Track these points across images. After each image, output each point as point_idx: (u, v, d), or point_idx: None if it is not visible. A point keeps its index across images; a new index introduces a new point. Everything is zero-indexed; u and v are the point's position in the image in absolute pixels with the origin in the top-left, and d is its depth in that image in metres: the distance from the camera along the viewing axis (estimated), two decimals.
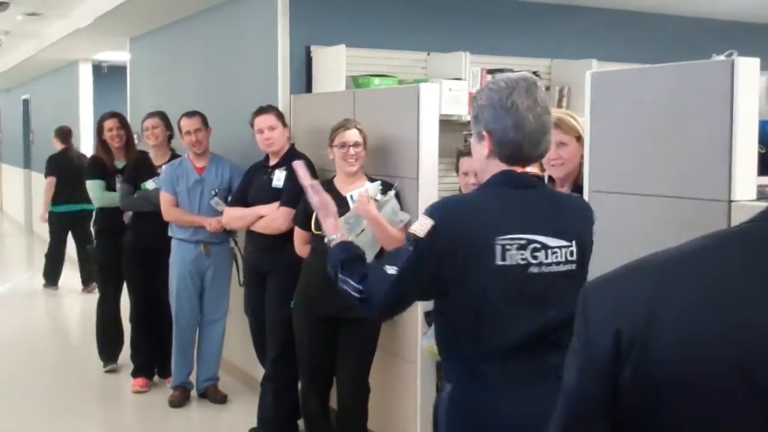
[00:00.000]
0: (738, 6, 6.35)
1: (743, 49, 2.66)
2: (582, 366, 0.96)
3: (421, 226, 2.21)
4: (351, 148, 4.07)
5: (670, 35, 6.32)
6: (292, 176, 4.50)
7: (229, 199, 5.10)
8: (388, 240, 3.95)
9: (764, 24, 6.84)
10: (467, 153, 3.84)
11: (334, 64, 5.01)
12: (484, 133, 2.23)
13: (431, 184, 4.04)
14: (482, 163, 2.30)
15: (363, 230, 3.99)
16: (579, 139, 3.28)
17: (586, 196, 3.13)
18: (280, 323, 4.51)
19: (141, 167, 5.58)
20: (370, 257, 3.97)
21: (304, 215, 4.15)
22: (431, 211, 2.24)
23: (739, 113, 2.58)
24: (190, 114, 5.27)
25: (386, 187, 4.04)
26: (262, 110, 4.71)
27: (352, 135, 4.09)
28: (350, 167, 4.09)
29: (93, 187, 5.85)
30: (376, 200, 3.96)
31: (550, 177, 3.36)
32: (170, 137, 5.62)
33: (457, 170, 3.93)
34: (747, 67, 2.58)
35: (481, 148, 2.27)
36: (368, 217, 3.92)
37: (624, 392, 0.88)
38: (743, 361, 0.80)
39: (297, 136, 4.94)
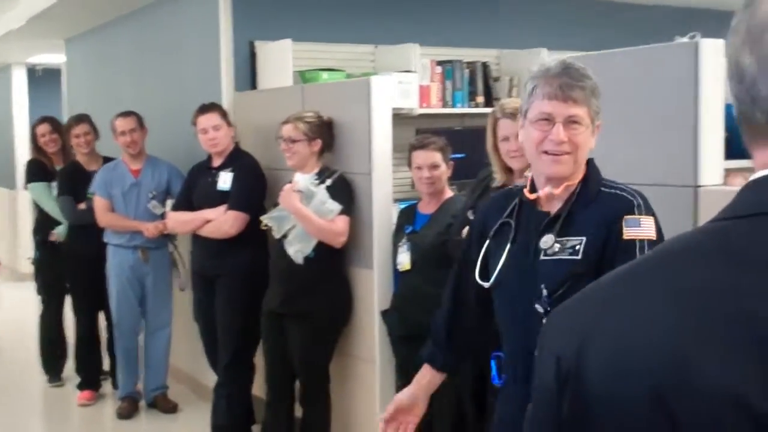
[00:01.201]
0: None
1: (682, 34, 2.60)
2: (536, 396, 0.94)
3: (645, 228, 2.00)
4: (285, 143, 4.02)
5: (619, 23, 6.30)
6: (239, 177, 4.38)
7: (169, 202, 4.95)
8: (318, 232, 3.91)
9: (698, 8, 6.87)
10: (420, 147, 3.74)
11: (279, 59, 4.87)
12: None
13: (385, 178, 3.95)
14: None
15: (294, 225, 3.91)
16: None
17: None
18: (232, 329, 4.40)
19: (75, 176, 5.35)
20: (307, 250, 3.89)
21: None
22: (646, 206, 2.03)
23: (703, 96, 2.52)
24: (125, 114, 5.12)
25: (326, 176, 3.96)
26: (205, 108, 4.55)
27: (286, 130, 4.04)
28: (289, 161, 4.06)
29: (37, 189, 5.64)
30: (301, 192, 3.91)
31: (509, 168, 3.28)
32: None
33: (409, 164, 3.82)
34: (711, 48, 2.52)
35: None
36: (292, 210, 3.90)
37: (564, 424, 0.87)
38: (658, 390, 0.77)
39: (242, 135, 4.79)
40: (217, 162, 4.55)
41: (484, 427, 3.37)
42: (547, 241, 2.03)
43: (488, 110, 3.86)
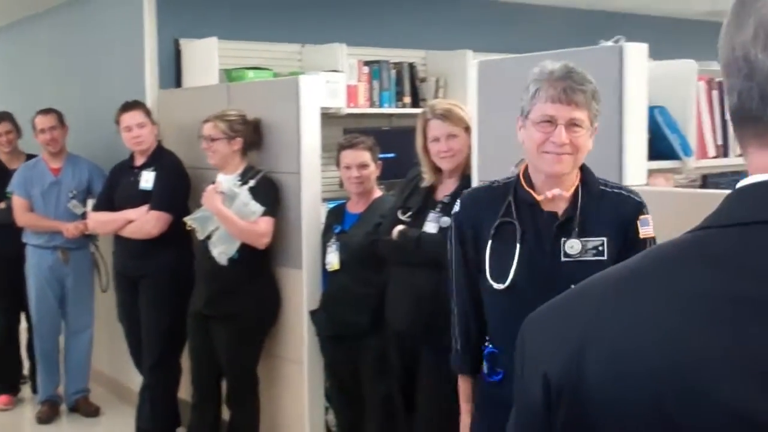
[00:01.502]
0: None
1: (607, 37, 2.67)
2: (520, 419, 0.90)
3: (651, 226, 2.15)
4: (206, 142, 4.00)
5: (544, 26, 6.40)
6: (162, 177, 4.31)
7: (90, 202, 4.85)
8: (240, 233, 3.89)
9: (623, 13, 7.04)
10: (348, 146, 3.74)
11: (205, 57, 4.82)
12: None
13: (313, 178, 3.94)
14: None
15: (218, 227, 3.88)
16: (467, 129, 3.23)
17: (474, 186, 3.08)
18: (157, 330, 4.34)
19: None
20: (231, 251, 3.86)
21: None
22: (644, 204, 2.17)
23: (627, 99, 2.58)
24: (45, 111, 5.02)
25: (249, 176, 3.92)
26: (128, 106, 4.47)
27: (206, 128, 4.01)
28: (210, 160, 4.04)
29: None
30: (224, 193, 3.88)
31: (438, 169, 3.31)
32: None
33: (337, 164, 3.81)
34: (635, 52, 2.58)
35: None
36: (214, 212, 3.87)
37: None
38: (660, 394, 0.75)
39: (166, 134, 4.71)
40: (139, 161, 4.46)
41: (413, 423, 3.40)
42: (573, 246, 2.09)
43: (415, 111, 3.90)
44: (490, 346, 2.25)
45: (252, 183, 3.93)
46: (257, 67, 4.95)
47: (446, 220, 3.25)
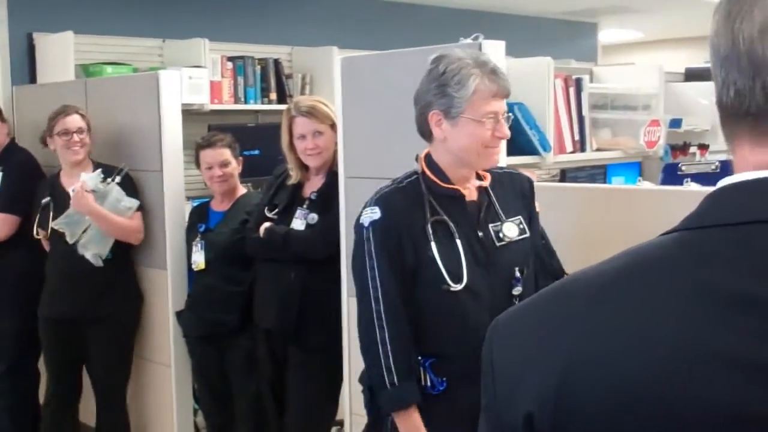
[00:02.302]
0: None
1: (467, 35, 2.73)
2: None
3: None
4: (75, 135, 3.81)
5: (408, 23, 6.47)
6: (9, 176, 4.10)
7: None
8: (118, 231, 3.78)
9: (483, 11, 7.21)
10: (207, 145, 3.66)
11: (60, 52, 4.65)
12: None
13: (176, 176, 3.86)
14: None
15: (88, 226, 3.74)
16: (333, 126, 3.23)
17: (341, 183, 3.09)
18: (9, 333, 4.13)
19: None
20: (105, 251, 3.74)
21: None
22: None
23: None
24: None
25: (108, 174, 3.80)
26: None
27: (74, 121, 3.82)
28: (75, 156, 3.83)
29: None
30: (94, 191, 3.73)
31: (305, 165, 3.29)
32: None
33: (197, 165, 3.73)
34: (493, 49, 2.64)
35: None
36: (87, 212, 3.70)
37: None
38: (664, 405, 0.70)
39: (20, 131, 4.51)
40: None
41: (284, 425, 3.38)
42: (510, 228, 2.12)
43: (281, 107, 3.86)
44: (429, 357, 2.10)
45: (118, 179, 3.80)
46: (116, 62, 4.81)
47: (313, 217, 3.25)
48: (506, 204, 2.17)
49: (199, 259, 3.67)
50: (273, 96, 5.39)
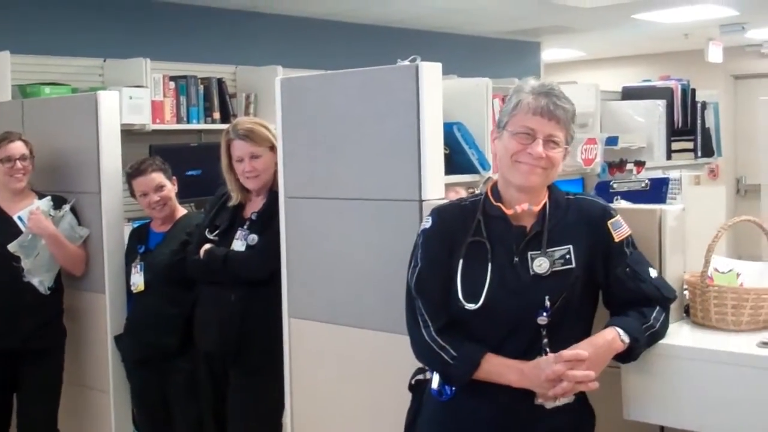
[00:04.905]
0: (417, 14, 6.68)
1: (426, 55, 2.73)
2: None
3: (624, 225, 2.16)
4: (18, 162, 3.71)
5: (348, 41, 6.50)
6: None
7: None
8: (68, 258, 3.74)
9: (430, 31, 7.27)
10: (139, 173, 3.62)
11: None
12: None
13: (115, 197, 3.82)
14: None
15: (38, 253, 3.66)
16: (273, 148, 3.22)
17: (281, 203, 3.08)
18: None
19: None
20: (50, 279, 3.67)
21: None
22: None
23: (424, 117, 2.64)
24: None
25: (59, 203, 3.76)
26: None
27: (18, 147, 3.73)
28: (18, 183, 3.73)
29: None
30: (51, 216, 3.69)
31: (245, 187, 3.28)
32: None
33: (132, 193, 3.69)
34: (429, 71, 2.65)
35: None
36: (46, 236, 3.66)
37: None
38: None
39: None
40: None
41: None
42: (542, 264, 2.07)
43: (225, 126, 3.82)
44: None
45: (67, 207, 3.76)
46: (55, 82, 4.74)
47: (254, 238, 3.23)
48: (562, 232, 2.12)
49: (138, 281, 3.63)
50: (217, 115, 5.36)
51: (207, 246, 3.28)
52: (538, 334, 2.05)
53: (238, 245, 3.25)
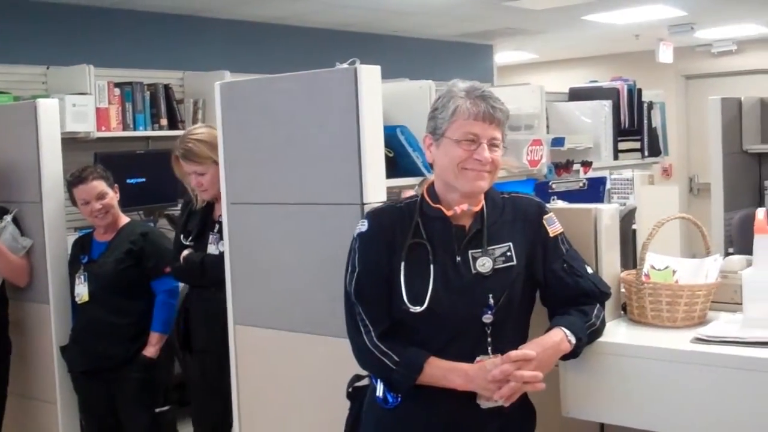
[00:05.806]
0: (366, 18, 6.68)
1: (377, 59, 2.72)
2: None
3: (557, 222, 2.19)
4: None
5: (297, 45, 6.48)
6: None
7: None
8: (11, 269, 3.71)
9: (382, 34, 7.28)
10: (79, 182, 3.59)
11: None
12: None
13: (57, 207, 3.78)
14: None
15: None
16: (216, 162, 3.21)
17: (224, 209, 3.05)
18: None
19: None
20: None
21: None
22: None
23: (364, 119, 2.63)
24: None
25: (1, 213, 3.72)
26: None
27: None
28: None
29: None
30: None
31: None
32: None
33: (73, 202, 3.65)
34: (368, 74, 2.64)
35: None
36: None
37: None
38: None
39: None
40: None
41: None
42: (485, 263, 2.06)
43: (173, 133, 3.82)
44: None
45: (8, 218, 3.71)
46: None
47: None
48: (500, 230, 2.13)
49: (82, 292, 3.58)
50: (164, 122, 5.31)
51: (185, 252, 3.33)
52: (484, 334, 2.05)
53: (213, 249, 3.31)
